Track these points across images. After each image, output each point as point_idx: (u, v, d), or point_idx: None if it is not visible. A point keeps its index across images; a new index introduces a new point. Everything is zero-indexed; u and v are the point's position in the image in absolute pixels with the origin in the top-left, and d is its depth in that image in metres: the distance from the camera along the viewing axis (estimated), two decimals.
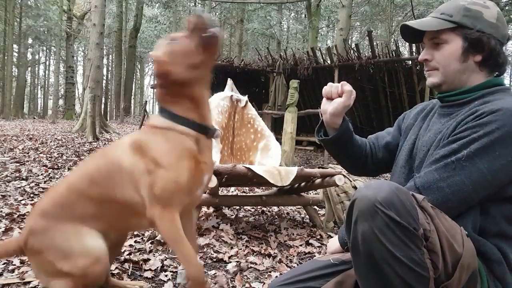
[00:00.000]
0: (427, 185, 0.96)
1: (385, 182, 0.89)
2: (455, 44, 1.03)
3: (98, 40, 10.88)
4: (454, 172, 0.94)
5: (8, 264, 1.70)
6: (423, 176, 0.99)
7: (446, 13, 1.03)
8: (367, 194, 0.86)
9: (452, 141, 0.97)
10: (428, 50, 1.08)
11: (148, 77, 46.44)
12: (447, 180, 0.94)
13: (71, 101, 20.92)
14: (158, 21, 26.50)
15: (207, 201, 2.31)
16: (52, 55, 29.52)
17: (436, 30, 1.03)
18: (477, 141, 0.92)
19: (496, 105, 0.95)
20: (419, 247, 0.84)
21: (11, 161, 4.62)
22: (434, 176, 0.96)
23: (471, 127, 0.95)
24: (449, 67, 1.04)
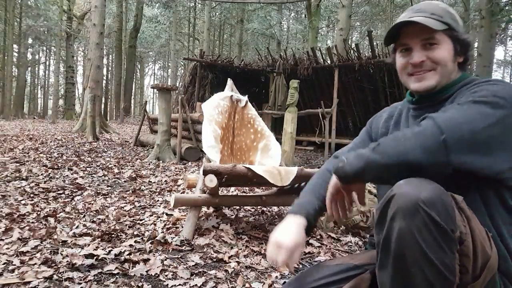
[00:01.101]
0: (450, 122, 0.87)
1: (427, 180, 0.86)
2: (446, 45, 1.02)
3: (98, 40, 10.89)
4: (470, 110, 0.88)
5: (8, 264, 1.71)
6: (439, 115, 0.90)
7: (436, 13, 1.01)
8: (409, 191, 0.82)
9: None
10: (420, 51, 1.03)
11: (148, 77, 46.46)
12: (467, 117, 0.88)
13: (71, 101, 20.92)
14: (158, 21, 26.48)
15: (207, 201, 2.31)
16: (52, 55, 29.52)
17: (432, 30, 1.01)
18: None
19: (479, 80, 0.98)
20: (453, 251, 0.82)
21: (11, 161, 4.62)
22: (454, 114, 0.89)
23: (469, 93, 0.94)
24: (446, 67, 1.03)
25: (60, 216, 2.52)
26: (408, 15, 1.03)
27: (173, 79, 21.62)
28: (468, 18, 15.27)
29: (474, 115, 0.87)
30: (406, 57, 1.05)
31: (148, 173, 4.53)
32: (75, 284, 1.56)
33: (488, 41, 8.73)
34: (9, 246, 1.92)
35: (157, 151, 5.88)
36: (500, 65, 36.29)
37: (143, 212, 2.79)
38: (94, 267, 1.73)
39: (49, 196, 3.09)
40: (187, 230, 2.20)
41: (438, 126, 0.85)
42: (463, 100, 0.92)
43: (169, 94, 6.01)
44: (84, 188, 3.51)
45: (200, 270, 1.78)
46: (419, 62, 1.02)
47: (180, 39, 27.78)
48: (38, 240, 2.02)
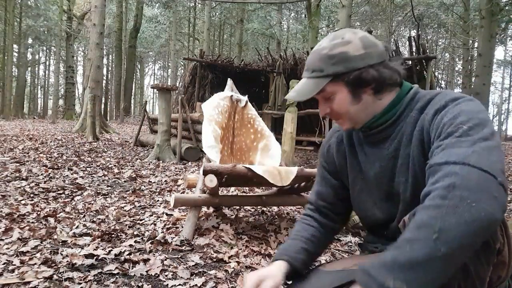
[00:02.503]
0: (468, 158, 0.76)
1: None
2: (341, 92, 0.98)
3: (98, 40, 10.89)
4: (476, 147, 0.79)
5: (8, 264, 1.71)
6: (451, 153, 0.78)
7: (316, 69, 0.98)
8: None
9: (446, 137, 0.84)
10: (323, 104, 1.03)
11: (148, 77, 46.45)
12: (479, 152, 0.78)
13: (71, 101, 20.93)
14: (158, 21, 26.49)
15: (207, 201, 2.31)
16: (52, 55, 29.52)
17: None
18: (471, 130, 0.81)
19: (442, 99, 0.91)
20: (489, 264, 0.81)
21: (11, 161, 4.62)
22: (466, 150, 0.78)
23: (447, 124, 0.84)
24: (349, 113, 1.00)
25: (60, 216, 2.52)
26: (302, 77, 1.04)
27: (173, 79, 21.62)
28: (468, 18, 15.28)
29: (490, 150, 0.78)
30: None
31: (148, 173, 4.53)
32: (75, 284, 1.56)
33: (488, 41, 8.73)
34: (9, 246, 1.92)
35: (157, 151, 5.88)
36: (500, 65, 36.31)
37: (143, 212, 2.79)
38: (94, 267, 1.73)
39: (49, 196, 3.09)
40: (187, 230, 2.20)
41: (483, 170, 0.72)
42: (452, 134, 0.82)
43: (169, 94, 6.01)
44: (84, 188, 3.51)
45: (200, 270, 1.78)
46: (323, 115, 1.05)
47: (180, 39, 27.77)
48: (38, 240, 2.02)
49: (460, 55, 21.97)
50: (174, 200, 2.22)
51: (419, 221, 0.72)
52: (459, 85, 27.85)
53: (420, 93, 1.00)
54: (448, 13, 18.20)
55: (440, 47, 27.95)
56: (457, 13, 17.06)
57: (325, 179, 1.20)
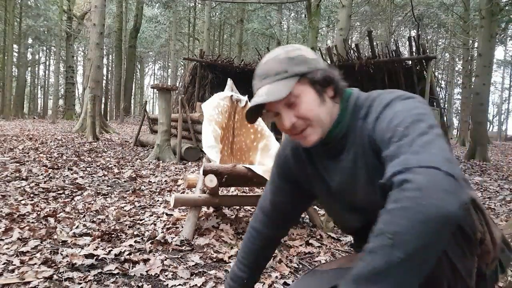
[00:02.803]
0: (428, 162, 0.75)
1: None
2: (307, 93, 0.95)
3: (98, 40, 10.89)
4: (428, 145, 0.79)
5: (8, 264, 1.71)
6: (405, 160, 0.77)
7: (279, 72, 0.94)
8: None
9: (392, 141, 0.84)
10: (288, 113, 0.95)
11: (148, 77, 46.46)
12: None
13: (71, 101, 20.94)
14: (158, 21, 26.49)
15: (207, 201, 2.31)
16: (52, 55, 29.53)
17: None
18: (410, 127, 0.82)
19: (379, 105, 0.92)
20: (473, 255, 0.82)
21: (11, 161, 4.62)
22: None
23: (387, 129, 0.85)
24: (319, 116, 0.96)
25: (60, 216, 2.52)
26: (258, 86, 0.96)
27: (173, 79, 21.62)
28: (468, 18, 15.28)
29: (429, 144, 0.78)
30: (280, 121, 0.98)
31: (148, 173, 4.53)
32: (75, 284, 1.56)
33: (488, 41, 8.73)
34: (9, 246, 1.92)
35: (157, 151, 5.88)
36: (500, 65, 36.32)
37: (143, 212, 2.80)
38: (94, 267, 1.73)
39: (49, 196, 3.09)
40: (187, 230, 2.20)
41: (427, 167, 0.72)
42: (397, 134, 0.82)
43: (169, 94, 6.01)
44: (84, 188, 3.51)
45: (200, 270, 1.78)
46: (290, 126, 0.95)
47: (180, 39, 27.77)
48: (38, 240, 2.02)
49: (460, 55, 21.97)
50: (174, 200, 2.22)
51: (377, 229, 0.71)
52: (459, 85, 27.85)
53: (361, 98, 1.00)
54: (448, 13, 18.21)
55: (440, 47, 27.95)
56: (457, 13, 17.07)
57: (284, 187, 1.18)
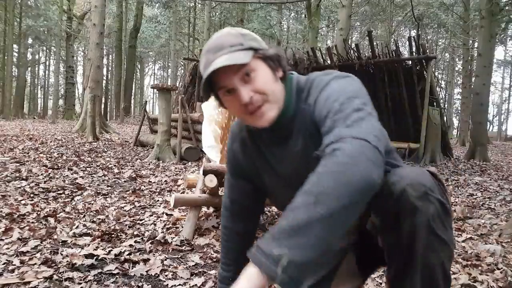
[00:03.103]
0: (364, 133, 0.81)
1: (413, 168, 0.91)
2: (262, 68, 0.93)
3: (98, 40, 10.88)
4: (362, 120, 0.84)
5: (8, 264, 1.70)
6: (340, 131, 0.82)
7: (234, 44, 0.92)
8: (416, 181, 0.85)
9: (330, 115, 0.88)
10: (245, 88, 0.91)
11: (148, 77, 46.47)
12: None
13: (71, 101, 20.94)
14: (158, 21, 26.48)
15: (207, 201, 2.31)
16: (52, 55, 29.52)
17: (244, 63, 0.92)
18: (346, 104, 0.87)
19: (317, 86, 0.95)
20: (452, 227, 0.90)
21: (11, 161, 4.62)
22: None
23: (327, 107, 0.89)
24: (275, 92, 0.95)
25: (60, 216, 2.52)
26: (211, 59, 0.92)
27: (173, 79, 21.63)
28: (468, 18, 15.28)
29: (362, 119, 0.83)
30: (235, 99, 0.94)
31: (148, 173, 4.53)
32: (75, 284, 1.56)
33: (488, 41, 8.73)
34: (9, 246, 1.91)
35: (157, 151, 5.88)
36: (500, 65, 36.31)
37: (143, 212, 2.79)
38: (94, 267, 1.73)
39: (49, 196, 3.09)
40: (187, 230, 2.20)
41: (357, 138, 0.78)
42: (333, 111, 0.86)
43: (169, 94, 6.01)
44: (84, 188, 3.51)
45: (200, 270, 1.78)
46: (249, 100, 0.91)
47: (180, 39, 27.77)
48: (38, 240, 2.02)
49: (460, 55, 21.98)
50: (174, 200, 2.22)
51: (302, 190, 0.74)
52: (459, 85, 27.84)
53: (301, 81, 1.01)
54: (448, 13, 18.21)
55: (440, 47, 27.95)
56: (457, 13, 17.06)
57: (236, 184, 1.20)
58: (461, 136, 16.63)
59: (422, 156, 7.80)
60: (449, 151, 8.63)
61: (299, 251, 0.69)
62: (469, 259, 2.04)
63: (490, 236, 2.53)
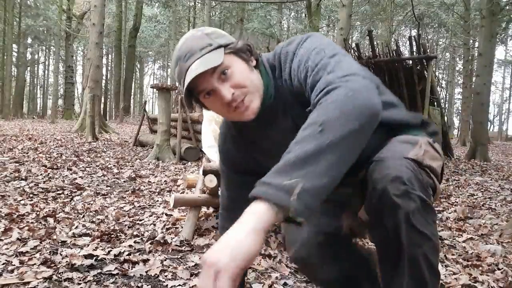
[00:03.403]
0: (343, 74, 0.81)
1: (396, 158, 0.89)
2: (236, 62, 0.94)
3: (97, 39, 10.87)
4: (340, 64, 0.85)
5: (7, 264, 1.70)
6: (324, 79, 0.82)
7: (203, 46, 0.92)
8: (397, 179, 0.84)
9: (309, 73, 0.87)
10: (224, 86, 0.92)
11: (147, 76, 46.47)
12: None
13: (70, 101, 20.92)
14: (157, 21, 26.48)
15: (207, 201, 2.31)
16: (51, 55, 29.53)
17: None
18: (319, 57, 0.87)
19: (287, 55, 0.96)
20: (435, 222, 0.90)
21: (10, 161, 4.61)
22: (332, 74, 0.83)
23: (303, 61, 0.89)
24: (254, 82, 0.95)
25: (60, 216, 2.51)
26: (185, 68, 0.92)
27: (173, 79, 21.61)
28: (468, 17, 15.28)
29: (342, 61, 0.84)
30: (216, 99, 0.94)
31: (147, 173, 4.53)
32: (74, 284, 1.56)
33: (489, 41, 8.72)
34: (8, 246, 1.91)
35: (157, 151, 5.88)
36: (501, 65, 36.32)
37: (143, 212, 2.79)
38: (93, 268, 1.72)
39: (49, 196, 3.09)
40: (187, 230, 2.20)
41: (347, 75, 0.79)
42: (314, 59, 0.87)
43: (169, 94, 6.01)
44: (83, 188, 3.50)
45: (199, 270, 1.77)
46: (231, 97, 0.91)
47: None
48: (38, 240, 2.01)
49: (460, 55, 21.98)
50: (174, 200, 2.21)
51: (305, 124, 0.75)
52: (459, 85, 27.85)
53: (269, 60, 1.01)
54: (448, 12, 18.20)
55: (440, 47, 27.95)
56: (457, 12, 17.06)
57: (232, 182, 1.19)
58: (462, 136, 16.62)
59: None
60: (449, 151, 8.62)
61: (312, 179, 0.68)
62: (469, 259, 2.03)
63: (490, 236, 2.53)
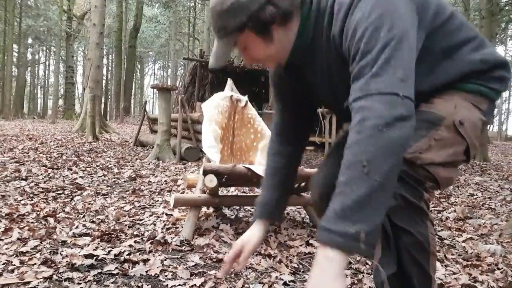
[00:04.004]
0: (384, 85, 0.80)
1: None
2: (252, 40, 0.97)
3: (98, 40, 10.88)
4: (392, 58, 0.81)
5: (8, 264, 1.70)
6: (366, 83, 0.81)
7: (221, 28, 0.96)
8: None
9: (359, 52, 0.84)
10: (245, 54, 1.04)
11: (148, 77, 46.47)
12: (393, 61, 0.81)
13: (71, 101, 20.94)
14: (158, 21, 26.50)
15: (207, 201, 2.31)
16: (52, 55, 29.54)
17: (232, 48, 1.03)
18: (378, 30, 0.82)
19: (339, 11, 0.90)
20: (425, 222, 0.93)
21: (10, 161, 4.62)
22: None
23: (357, 23, 0.85)
24: (269, 55, 1.02)
25: (60, 216, 2.52)
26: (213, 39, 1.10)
27: (173, 79, 21.64)
28: (468, 18, 15.27)
29: (389, 60, 0.80)
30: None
31: (148, 173, 4.53)
32: (74, 284, 1.56)
33: (488, 41, 8.73)
34: (8, 246, 1.91)
35: (157, 151, 5.88)
36: None
37: (143, 212, 2.79)
38: (93, 267, 1.72)
39: (49, 196, 3.09)
40: (187, 230, 2.20)
41: (384, 94, 0.78)
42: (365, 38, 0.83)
43: (169, 94, 6.01)
44: (83, 188, 3.50)
45: (200, 270, 1.78)
46: (249, 65, 1.12)
47: (180, 39, 27.77)
48: (38, 240, 2.02)
49: None
50: (174, 200, 2.21)
51: (347, 162, 0.78)
52: None
53: (322, 3, 0.96)
54: None
55: None
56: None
57: (283, 102, 1.27)
58: None
59: None
60: None
61: (371, 221, 0.74)
62: (469, 259, 2.04)
63: (490, 236, 2.53)
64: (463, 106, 0.95)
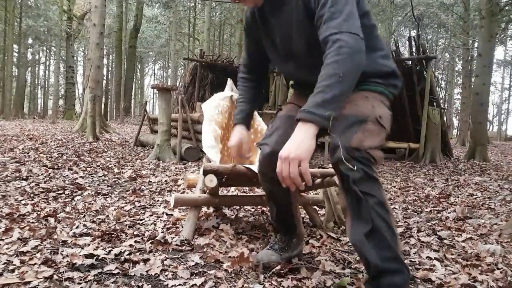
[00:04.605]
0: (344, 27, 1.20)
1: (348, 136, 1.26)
2: None
3: (98, 40, 10.89)
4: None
5: (8, 264, 1.71)
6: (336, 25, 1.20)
7: None
8: (347, 155, 1.22)
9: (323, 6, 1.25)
10: None
11: (148, 77, 46.46)
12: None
13: (71, 101, 20.94)
14: (158, 21, 26.50)
15: (207, 201, 2.31)
16: (52, 55, 29.54)
17: None
18: None
19: None
20: (380, 188, 1.22)
21: (11, 161, 4.62)
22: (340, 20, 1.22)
23: None
24: None
25: (60, 216, 2.52)
26: None
27: (173, 79, 21.64)
28: (468, 18, 15.27)
29: (351, 13, 1.22)
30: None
31: (148, 173, 4.53)
32: (75, 284, 1.56)
33: (488, 41, 8.73)
34: (9, 246, 1.92)
35: (157, 151, 5.88)
36: (500, 65, 36.30)
37: (143, 212, 2.80)
38: (94, 267, 1.73)
39: (49, 196, 3.09)
40: (187, 230, 2.20)
41: (352, 33, 1.17)
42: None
43: (169, 94, 6.01)
44: (84, 188, 3.51)
45: (200, 270, 1.78)
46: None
47: (180, 39, 27.77)
48: (38, 240, 2.02)
49: (460, 55, 21.96)
50: (174, 200, 2.22)
51: (328, 73, 1.15)
52: (459, 85, 27.84)
53: None
54: (448, 13, 18.19)
55: (440, 47, 27.93)
56: (457, 13, 17.05)
57: (248, 45, 1.76)
58: (461, 136, 16.62)
59: (422, 156, 7.80)
60: (449, 151, 8.63)
61: (338, 109, 1.17)
62: (469, 259, 2.04)
63: (490, 236, 2.53)
64: (377, 104, 1.34)
